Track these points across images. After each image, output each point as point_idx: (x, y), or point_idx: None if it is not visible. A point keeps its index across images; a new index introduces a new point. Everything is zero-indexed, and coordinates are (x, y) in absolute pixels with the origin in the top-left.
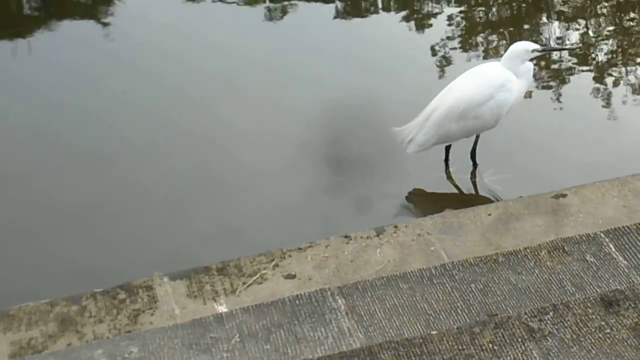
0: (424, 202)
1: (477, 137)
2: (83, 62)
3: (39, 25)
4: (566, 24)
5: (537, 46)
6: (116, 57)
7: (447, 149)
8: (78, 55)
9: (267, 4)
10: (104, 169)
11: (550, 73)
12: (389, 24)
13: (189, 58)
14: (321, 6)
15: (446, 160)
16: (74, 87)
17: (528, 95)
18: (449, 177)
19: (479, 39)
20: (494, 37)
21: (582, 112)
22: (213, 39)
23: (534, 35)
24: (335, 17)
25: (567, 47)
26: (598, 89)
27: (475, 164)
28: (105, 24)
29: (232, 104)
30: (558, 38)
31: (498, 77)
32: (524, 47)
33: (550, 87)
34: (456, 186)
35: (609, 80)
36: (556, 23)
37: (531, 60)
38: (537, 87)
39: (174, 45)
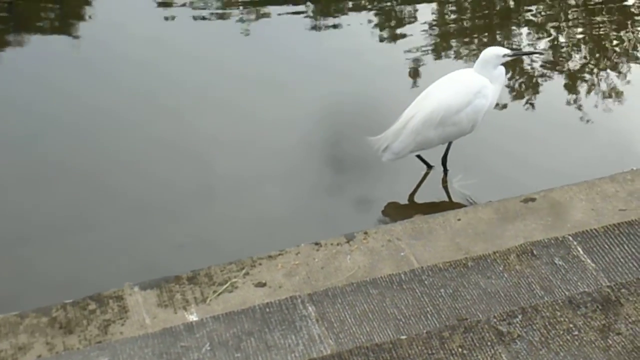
0: (394, 208)
1: (450, 143)
2: (56, 73)
3: (9, 37)
4: (537, 30)
5: (507, 51)
6: (88, 68)
7: (421, 157)
8: (50, 66)
9: (240, 16)
10: (74, 178)
11: (519, 79)
12: (361, 33)
13: (163, 69)
14: (293, 16)
15: (427, 165)
16: (47, 97)
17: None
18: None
19: (453, 45)
20: (466, 43)
21: (550, 117)
22: (187, 50)
23: (506, 40)
24: (307, 27)
25: (537, 50)
26: (566, 94)
27: (445, 170)
28: (78, 36)
29: (206, 114)
30: (530, 43)
31: (475, 84)
32: (495, 53)
33: (519, 93)
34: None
35: (577, 86)
36: (528, 28)
37: (502, 64)
38: (508, 93)
39: (148, 57)
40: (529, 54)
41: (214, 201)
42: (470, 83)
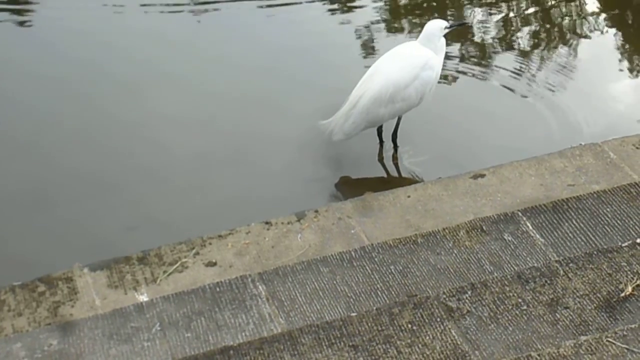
0: (345, 186)
1: (399, 119)
2: (9, 49)
3: None
4: (488, 4)
5: (447, 23)
6: (41, 44)
7: (379, 132)
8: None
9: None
10: (21, 157)
11: (470, 54)
12: (314, 11)
13: (115, 44)
14: None
15: (380, 140)
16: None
17: (447, 77)
18: (387, 158)
19: (404, 21)
20: (418, 18)
21: (500, 93)
22: (140, 26)
23: (458, 16)
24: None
25: (466, 21)
26: (516, 70)
27: (396, 146)
28: (27, 11)
29: (158, 91)
30: (481, 19)
31: (420, 57)
32: (439, 25)
33: (469, 68)
34: (379, 168)
35: (527, 61)
36: (479, 3)
37: (443, 36)
38: (459, 68)
39: (101, 32)
40: (462, 24)
41: (165, 180)
42: (416, 57)
